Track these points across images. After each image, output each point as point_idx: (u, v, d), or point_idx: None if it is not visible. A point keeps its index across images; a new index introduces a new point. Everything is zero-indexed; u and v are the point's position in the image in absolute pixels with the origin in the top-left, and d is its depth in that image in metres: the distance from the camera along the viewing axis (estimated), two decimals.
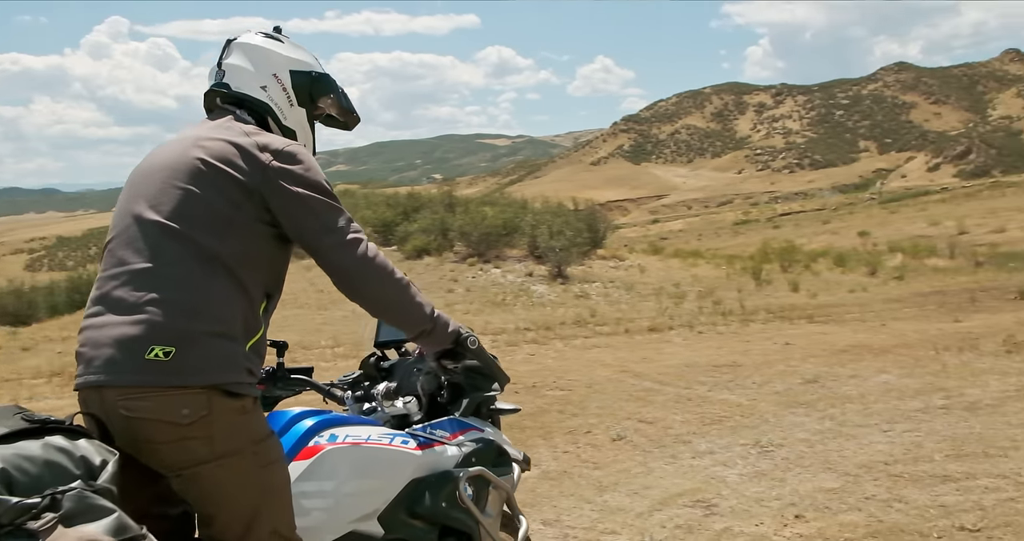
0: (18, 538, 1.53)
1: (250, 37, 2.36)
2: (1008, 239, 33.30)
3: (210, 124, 2.22)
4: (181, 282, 1.96)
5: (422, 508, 2.40)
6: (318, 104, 2.42)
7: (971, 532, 4.39)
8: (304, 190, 2.09)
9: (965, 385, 7.99)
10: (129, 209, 2.10)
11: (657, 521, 4.83)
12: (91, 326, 1.99)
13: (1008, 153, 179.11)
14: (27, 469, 1.60)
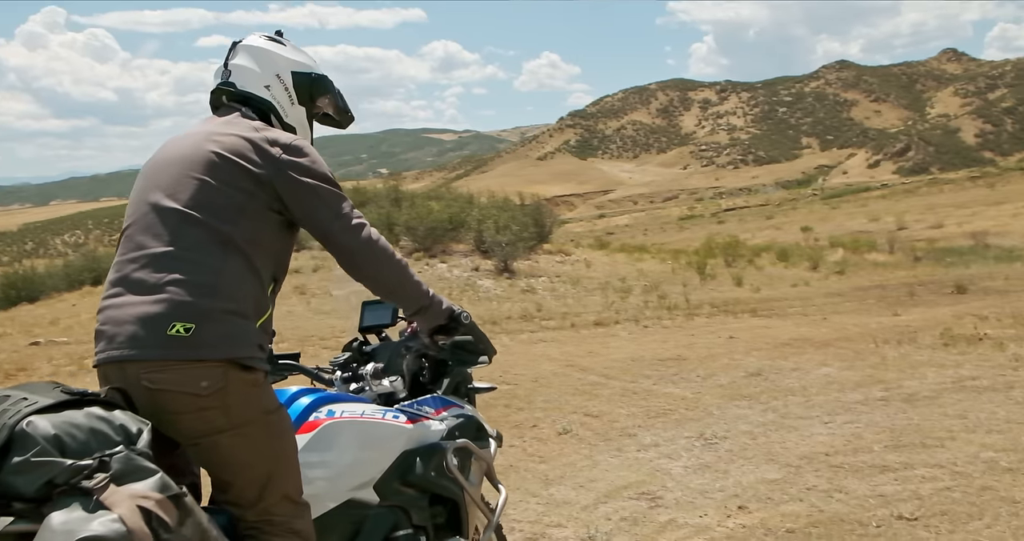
0: (75, 496, 1.71)
1: (255, 40, 2.53)
2: (945, 234, 34.02)
3: (219, 120, 2.39)
4: (200, 264, 2.12)
5: (413, 477, 2.59)
6: (317, 103, 2.61)
7: (909, 521, 4.47)
8: (313, 180, 2.29)
9: (904, 377, 8.13)
10: (145, 198, 2.25)
11: (602, 513, 4.85)
12: (111, 306, 2.14)
13: (946, 151, 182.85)
14: (76, 435, 1.77)
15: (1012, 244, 27.53)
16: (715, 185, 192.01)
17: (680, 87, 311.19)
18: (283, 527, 2.20)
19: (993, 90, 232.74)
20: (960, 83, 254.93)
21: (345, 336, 3.04)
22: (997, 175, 79.39)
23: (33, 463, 1.72)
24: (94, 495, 1.72)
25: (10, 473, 1.72)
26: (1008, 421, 6.31)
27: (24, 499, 1.72)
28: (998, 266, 21.30)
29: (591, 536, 4.45)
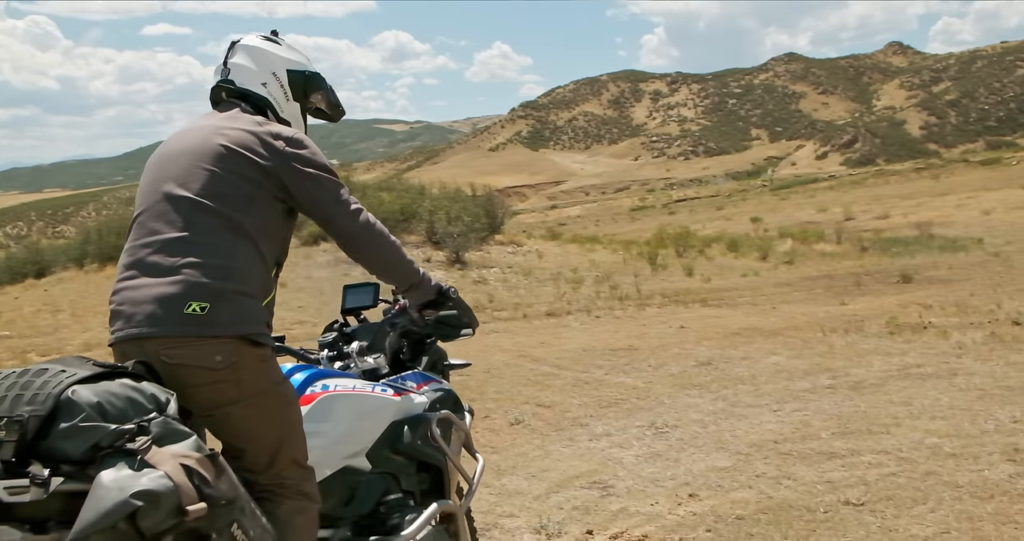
0: (120, 457, 1.84)
1: (252, 39, 2.70)
2: (891, 225, 34.52)
3: (221, 115, 2.55)
4: (213, 248, 2.28)
5: (401, 445, 2.81)
6: (310, 99, 2.79)
7: (855, 506, 4.54)
8: (314, 170, 2.47)
9: (851, 365, 8.25)
10: (157, 187, 2.40)
11: (554, 503, 4.87)
12: (127, 287, 2.29)
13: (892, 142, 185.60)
14: (114, 403, 1.92)
15: (956, 234, 28.00)
16: (666, 176, 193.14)
17: (631, 79, 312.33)
18: (293, 489, 2.38)
19: (937, 83, 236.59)
20: (905, 76, 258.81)
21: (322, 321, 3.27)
22: (941, 167, 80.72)
23: (80, 428, 1.87)
24: (139, 455, 1.86)
25: (58, 438, 1.86)
26: (951, 407, 6.43)
27: (71, 461, 1.85)
28: (942, 256, 21.68)
29: (543, 525, 4.46)
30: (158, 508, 1.80)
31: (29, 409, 1.88)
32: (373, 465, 2.75)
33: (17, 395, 1.91)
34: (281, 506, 2.34)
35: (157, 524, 1.79)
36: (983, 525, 4.18)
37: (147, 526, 1.79)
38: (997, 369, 7.60)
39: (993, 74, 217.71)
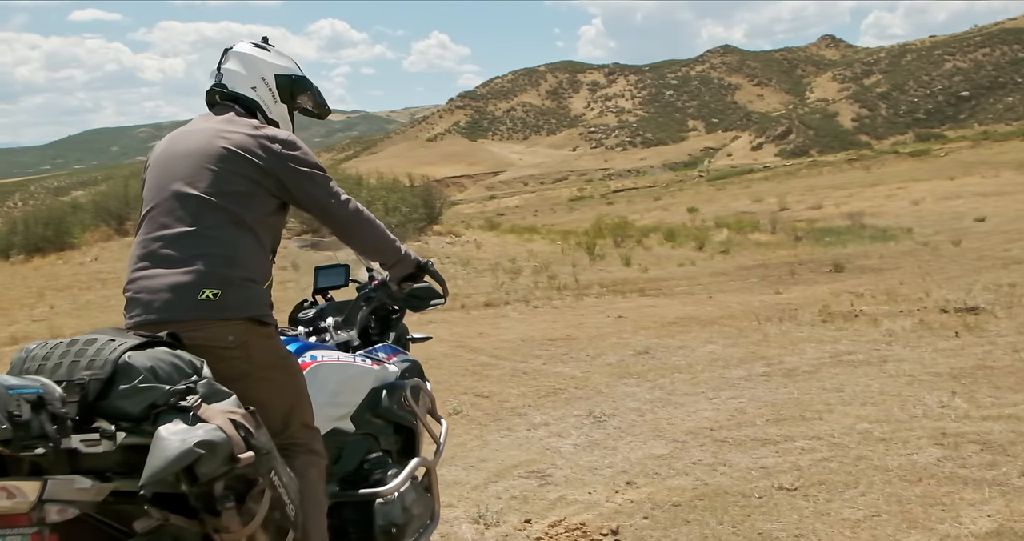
0: (174, 413, 2.11)
1: (243, 47, 3.00)
2: (824, 215, 35.07)
3: (219, 118, 2.82)
4: (221, 241, 2.57)
5: (381, 409, 3.16)
6: (297, 100, 3.08)
7: (789, 491, 4.61)
8: (308, 168, 2.77)
9: (785, 353, 8.38)
10: (166, 186, 2.67)
11: (493, 493, 4.87)
12: (143, 277, 2.57)
13: (824, 134, 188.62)
14: (163, 367, 2.19)
15: (886, 224, 28.54)
16: (604, 167, 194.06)
17: (569, 69, 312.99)
18: (305, 447, 2.69)
19: (868, 76, 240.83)
20: (838, 69, 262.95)
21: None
22: (872, 158, 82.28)
23: (139, 388, 2.15)
24: (191, 412, 2.13)
25: (118, 398, 2.13)
26: (881, 393, 6.56)
27: (128, 419, 2.13)
28: (873, 245, 22.09)
29: (481, 515, 4.46)
30: (215, 456, 2.06)
31: (89, 373, 2.15)
32: (356, 427, 3.10)
33: (73, 361, 2.18)
34: (296, 461, 2.61)
35: (213, 470, 2.06)
36: (912, 507, 4.27)
37: (204, 472, 2.05)
38: (925, 356, 7.77)
39: (922, 67, 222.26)
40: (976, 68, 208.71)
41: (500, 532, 4.29)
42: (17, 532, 1.98)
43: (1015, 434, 5.32)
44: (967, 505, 4.26)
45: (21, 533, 1.98)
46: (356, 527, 3.00)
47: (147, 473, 2.01)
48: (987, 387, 6.54)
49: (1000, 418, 5.69)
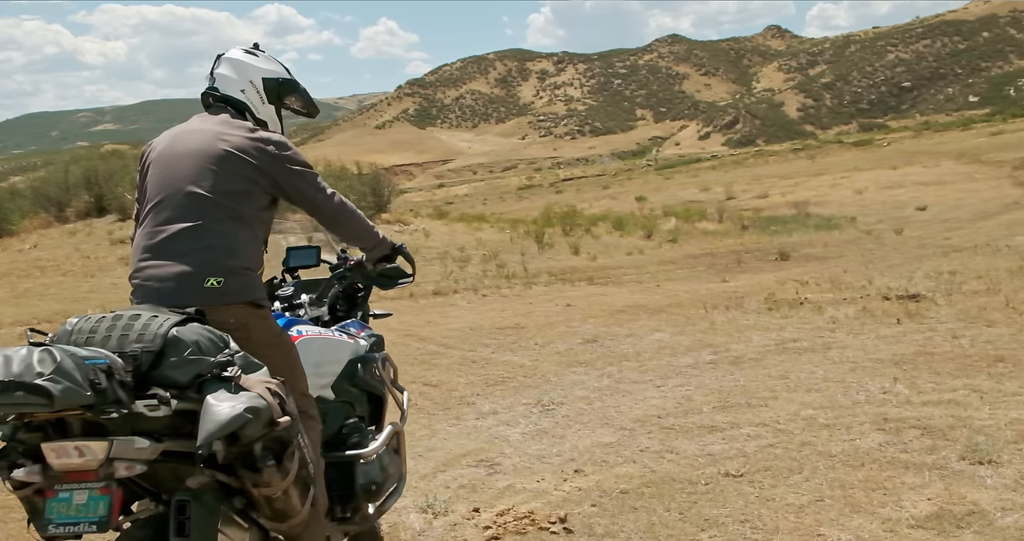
0: (217, 383, 2.37)
1: (234, 53, 3.28)
2: (770, 204, 35.47)
3: (216, 119, 3.10)
4: (223, 234, 2.86)
5: (356, 379, 3.43)
6: (284, 101, 3.35)
7: (735, 477, 4.65)
8: (299, 167, 3.08)
9: (731, 341, 8.46)
10: (171, 183, 2.93)
11: (441, 482, 4.86)
12: (151, 266, 2.83)
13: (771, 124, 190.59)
14: (203, 341, 2.44)
15: (830, 213, 28.94)
16: (553, 155, 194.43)
17: (518, 57, 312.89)
18: (304, 414, 2.90)
19: (813, 66, 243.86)
20: (783, 59, 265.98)
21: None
22: (817, 147, 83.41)
23: (188, 360, 2.39)
24: (233, 381, 2.40)
25: (169, 368, 2.37)
26: (826, 380, 6.65)
27: (176, 387, 2.35)
28: (817, 234, 22.39)
29: (429, 504, 4.44)
30: (259, 420, 2.33)
31: (140, 346, 2.38)
32: (336, 395, 3.37)
33: (122, 335, 2.41)
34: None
35: (255, 433, 2.34)
36: (854, 492, 4.33)
37: (248, 434, 2.33)
38: (868, 342, 7.89)
39: (866, 58, 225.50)
40: (918, 59, 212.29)
41: (448, 521, 4.28)
42: (86, 486, 2.27)
43: (954, 419, 5.43)
44: (908, 489, 4.34)
45: (89, 487, 2.28)
46: (339, 485, 3.26)
47: (203, 435, 2.26)
48: (927, 373, 6.66)
49: (940, 403, 5.80)
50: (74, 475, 2.27)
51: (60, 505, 2.28)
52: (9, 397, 2.10)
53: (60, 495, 2.28)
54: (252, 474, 2.44)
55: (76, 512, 2.28)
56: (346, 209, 3.22)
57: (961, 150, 52.95)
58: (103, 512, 2.27)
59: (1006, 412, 5.52)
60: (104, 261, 17.68)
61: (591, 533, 4.05)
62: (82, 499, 2.28)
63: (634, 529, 4.06)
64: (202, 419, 2.28)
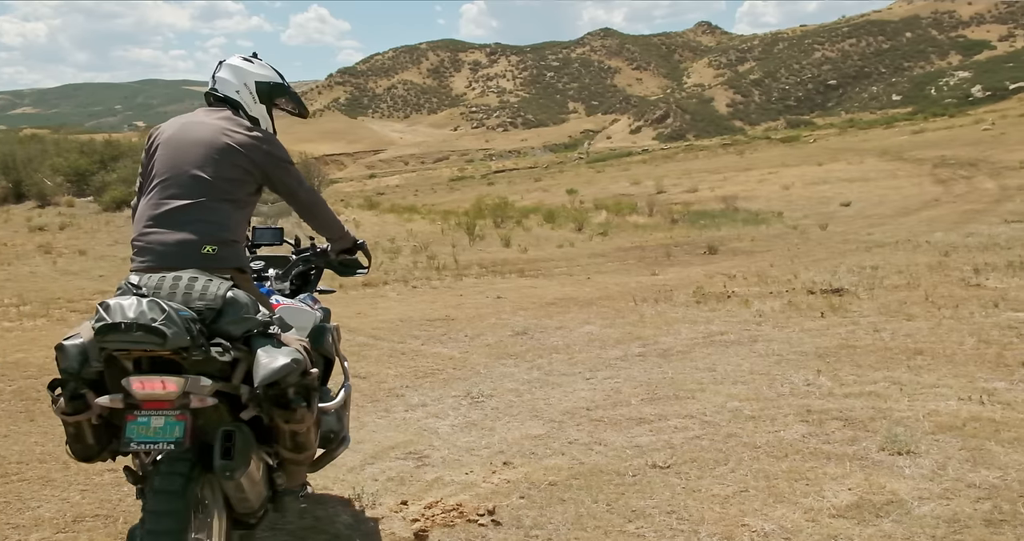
0: (263, 338, 2.98)
1: (234, 60, 3.80)
2: (700, 198, 35.90)
3: (220, 115, 3.62)
4: (219, 212, 3.38)
5: (318, 344, 3.71)
6: (275, 102, 3.87)
7: (662, 469, 4.70)
8: (285, 163, 3.64)
9: (660, 334, 8.53)
10: (179, 165, 3.42)
11: (369, 474, 4.82)
12: (156, 232, 3.32)
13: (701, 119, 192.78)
14: (251, 303, 3.03)
15: (758, 208, 29.38)
16: (485, 147, 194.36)
17: (451, 48, 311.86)
18: None
19: (743, 63, 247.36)
20: (714, 55, 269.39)
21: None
22: (746, 143, 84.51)
23: (243, 318, 2.97)
24: (276, 337, 3.03)
25: (227, 323, 2.93)
26: (751, 372, 6.75)
27: (229, 339, 2.91)
28: (745, 228, 22.70)
29: (357, 496, 4.41)
30: (298, 370, 2.95)
31: (203, 303, 2.92)
32: None
33: (186, 293, 2.93)
34: None
35: (294, 380, 2.95)
36: (778, 482, 4.41)
37: (289, 381, 2.93)
38: (793, 335, 8.03)
39: (793, 56, 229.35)
40: (843, 58, 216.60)
41: (376, 514, 4.25)
42: (163, 413, 2.85)
43: (875, 410, 5.55)
44: (829, 479, 4.43)
45: (166, 414, 2.85)
46: None
47: (260, 378, 2.88)
48: (850, 366, 6.80)
49: (861, 395, 5.93)
50: (152, 404, 2.85)
51: (139, 428, 2.84)
52: (130, 336, 2.70)
53: (139, 419, 2.85)
54: (286, 412, 3.00)
55: (154, 434, 2.83)
56: (319, 202, 3.80)
57: (884, 148, 54.16)
58: (179, 434, 2.83)
59: (924, 404, 5.66)
60: (22, 248, 17.21)
61: (519, 525, 4.05)
62: (159, 423, 2.85)
63: (562, 521, 4.07)
64: (257, 367, 2.90)
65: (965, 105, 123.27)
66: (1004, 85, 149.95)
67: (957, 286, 10.17)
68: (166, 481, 2.81)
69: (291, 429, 3.07)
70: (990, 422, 5.22)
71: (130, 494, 4.47)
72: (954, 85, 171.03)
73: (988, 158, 39.17)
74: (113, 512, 4.29)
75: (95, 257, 16.15)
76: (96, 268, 15.12)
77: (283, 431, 3.09)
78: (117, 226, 19.37)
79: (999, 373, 6.38)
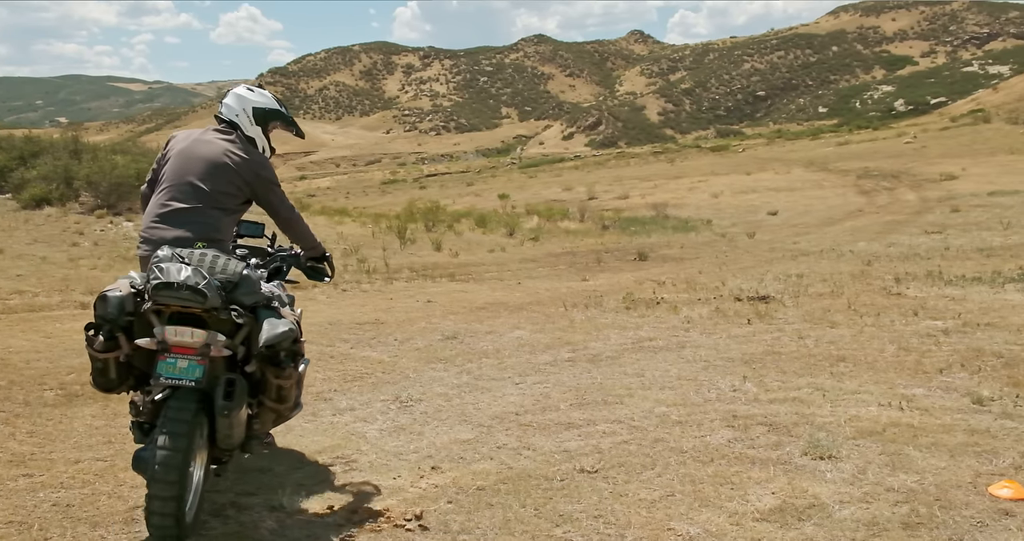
0: (266, 310, 3.87)
1: (239, 89, 4.65)
2: (630, 205, 36.20)
3: (224, 136, 4.48)
4: (211, 216, 4.25)
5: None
6: (269, 125, 4.67)
7: (590, 473, 4.72)
8: (272, 184, 4.51)
9: (590, 339, 8.58)
10: (184, 175, 4.30)
11: (295, 480, 4.74)
12: (159, 228, 4.21)
13: (632, 126, 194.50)
14: (258, 280, 3.96)
15: (688, 215, 29.71)
16: (418, 150, 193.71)
17: (384, 50, 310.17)
18: None
19: (674, 72, 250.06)
20: (646, 64, 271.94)
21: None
22: (676, 151, 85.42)
23: (254, 292, 3.85)
24: (277, 311, 3.93)
25: (242, 295, 3.80)
26: (679, 378, 6.82)
27: (241, 307, 3.80)
28: (675, 235, 22.98)
29: (282, 504, 4.34)
30: (292, 336, 3.86)
31: (224, 276, 3.77)
32: None
33: (211, 267, 3.77)
34: None
35: (288, 345, 3.87)
36: (704, 487, 4.46)
37: (284, 346, 3.84)
38: (720, 342, 8.13)
39: (723, 66, 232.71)
40: (772, 70, 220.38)
41: (302, 520, 4.19)
42: (187, 358, 3.72)
43: (798, 416, 5.65)
44: (754, 483, 4.49)
45: (190, 358, 3.72)
46: None
47: (263, 340, 3.78)
48: (775, 372, 6.91)
49: (786, 401, 6.03)
50: (179, 349, 3.72)
51: (168, 366, 3.72)
52: (180, 293, 3.62)
53: (168, 360, 3.72)
54: (277, 369, 3.90)
55: (179, 372, 3.71)
56: (296, 217, 4.66)
57: (810, 158, 55.23)
58: (199, 375, 3.72)
59: (846, 409, 5.78)
60: None
61: (447, 530, 4.03)
62: (184, 365, 3.72)
63: (489, 525, 4.07)
64: (263, 331, 3.78)
65: (888, 118, 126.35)
66: (926, 100, 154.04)
67: (879, 295, 10.41)
68: (179, 412, 3.67)
69: (278, 383, 3.95)
70: (908, 427, 5.35)
71: (46, 500, 4.37)
72: (878, 99, 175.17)
73: (910, 170, 40.18)
74: (28, 518, 4.16)
75: (12, 256, 15.67)
76: (14, 267, 14.68)
77: (271, 384, 3.95)
78: (36, 225, 18.86)
79: (918, 380, 6.54)
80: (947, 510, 4.09)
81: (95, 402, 6.31)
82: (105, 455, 5.16)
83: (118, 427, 5.70)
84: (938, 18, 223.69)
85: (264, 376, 3.92)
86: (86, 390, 6.60)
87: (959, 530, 3.88)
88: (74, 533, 3.99)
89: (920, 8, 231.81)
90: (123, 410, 6.01)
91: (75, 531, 4.01)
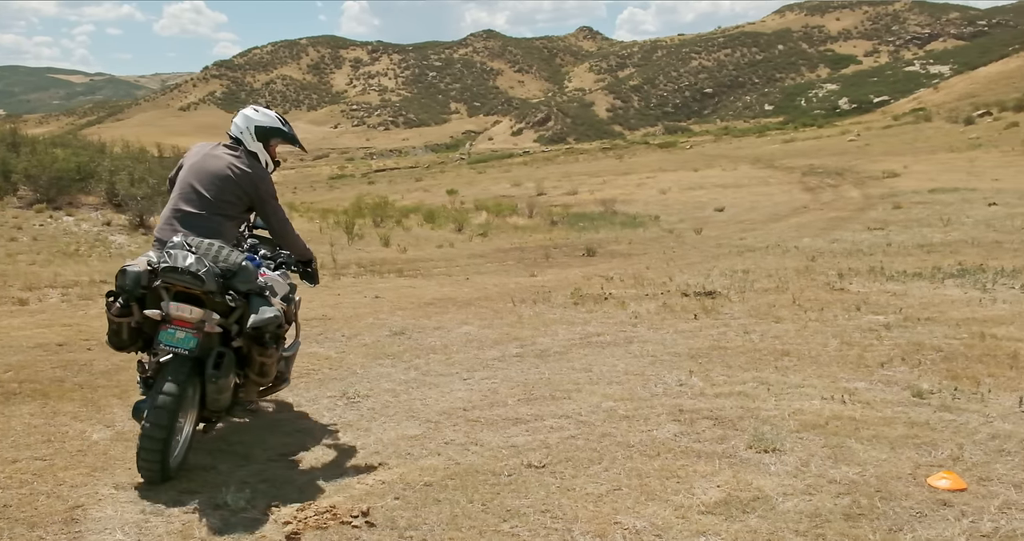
0: (258, 297, 4.58)
1: (246, 109, 5.25)
2: (579, 201, 36.31)
3: (231, 152, 5.09)
4: (214, 221, 4.87)
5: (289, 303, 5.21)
6: (270, 142, 5.25)
7: (537, 468, 4.73)
8: (269, 197, 5.11)
9: (537, 334, 8.59)
10: (193, 185, 4.93)
11: (240, 477, 4.69)
12: (169, 229, 4.83)
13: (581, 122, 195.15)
14: (255, 271, 4.72)
15: (636, 211, 29.86)
16: (366, 145, 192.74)
17: (331, 44, 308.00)
18: None
19: (623, 69, 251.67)
20: (594, 60, 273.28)
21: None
22: (625, 147, 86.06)
23: (249, 281, 4.51)
24: (267, 299, 4.62)
25: (239, 282, 4.47)
26: (626, 373, 6.85)
27: (237, 293, 4.49)
28: (623, 231, 23.08)
29: (226, 502, 4.28)
30: (278, 322, 4.58)
31: (224, 265, 4.43)
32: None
33: (214, 256, 4.44)
34: None
35: (273, 329, 4.60)
36: (650, 481, 4.49)
37: (271, 329, 4.58)
38: (667, 337, 8.19)
39: (671, 64, 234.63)
40: (719, 67, 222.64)
41: (247, 518, 4.14)
42: (185, 330, 4.41)
43: (743, 410, 5.71)
44: (700, 477, 4.53)
45: (187, 331, 4.41)
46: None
47: (252, 322, 4.48)
48: (721, 366, 6.98)
49: (731, 395, 6.09)
50: (179, 322, 4.41)
51: (168, 335, 4.42)
52: (182, 277, 4.30)
53: (169, 330, 4.42)
54: (261, 348, 4.62)
55: (177, 341, 4.41)
56: (289, 225, 5.26)
57: (757, 155, 55.88)
58: (193, 345, 4.41)
59: (790, 403, 5.85)
60: None
61: (394, 526, 4.01)
62: (182, 336, 4.41)
63: (437, 521, 4.06)
64: (254, 314, 4.47)
65: (833, 116, 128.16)
66: (869, 98, 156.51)
67: (823, 290, 10.55)
68: (175, 373, 4.36)
69: (261, 360, 4.66)
70: (851, 420, 5.43)
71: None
72: (823, 97, 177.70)
73: (853, 168, 40.76)
74: None
75: None
76: None
77: (255, 361, 4.66)
78: None
79: (860, 373, 6.64)
80: (887, 501, 4.16)
81: (33, 400, 6.19)
82: (44, 454, 5.06)
83: (57, 425, 5.60)
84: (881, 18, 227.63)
85: (250, 353, 4.65)
86: (24, 388, 6.48)
87: (899, 520, 3.95)
88: (11, 534, 3.91)
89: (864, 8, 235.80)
90: (62, 409, 5.95)
91: (12, 532, 3.93)
